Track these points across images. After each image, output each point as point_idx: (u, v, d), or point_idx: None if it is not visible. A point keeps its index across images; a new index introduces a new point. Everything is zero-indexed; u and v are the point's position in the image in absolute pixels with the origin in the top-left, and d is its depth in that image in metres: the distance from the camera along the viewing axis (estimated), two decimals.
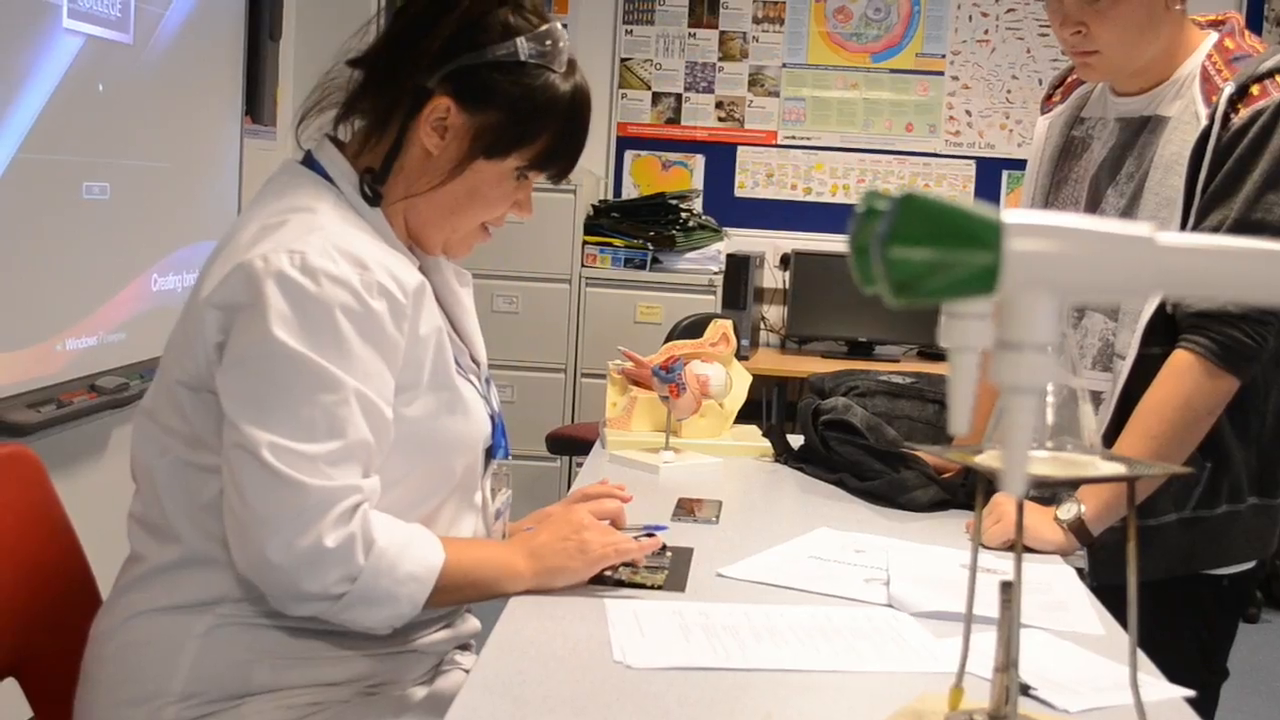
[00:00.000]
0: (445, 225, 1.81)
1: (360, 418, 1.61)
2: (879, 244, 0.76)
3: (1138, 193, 2.24)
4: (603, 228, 5.79)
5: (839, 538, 2.19)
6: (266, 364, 1.57)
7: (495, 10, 1.74)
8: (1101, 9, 2.16)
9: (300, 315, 1.57)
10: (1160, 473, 1.89)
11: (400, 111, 1.75)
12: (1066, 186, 2.42)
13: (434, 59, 1.73)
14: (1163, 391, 2.14)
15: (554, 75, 1.76)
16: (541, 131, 1.76)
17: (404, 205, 1.79)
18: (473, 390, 1.84)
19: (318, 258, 1.59)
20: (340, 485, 1.58)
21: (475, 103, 1.73)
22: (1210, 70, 2.18)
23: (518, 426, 5.62)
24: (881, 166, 6.29)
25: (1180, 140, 2.18)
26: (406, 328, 1.67)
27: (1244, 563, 2.31)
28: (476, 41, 1.73)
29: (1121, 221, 0.78)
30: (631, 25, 6.29)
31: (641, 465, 2.67)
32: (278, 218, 1.66)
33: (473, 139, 1.75)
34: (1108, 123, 2.37)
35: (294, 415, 1.57)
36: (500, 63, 1.73)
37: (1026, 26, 6.21)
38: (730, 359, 2.91)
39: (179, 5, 3.59)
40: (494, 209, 1.82)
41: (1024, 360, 0.77)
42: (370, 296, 1.62)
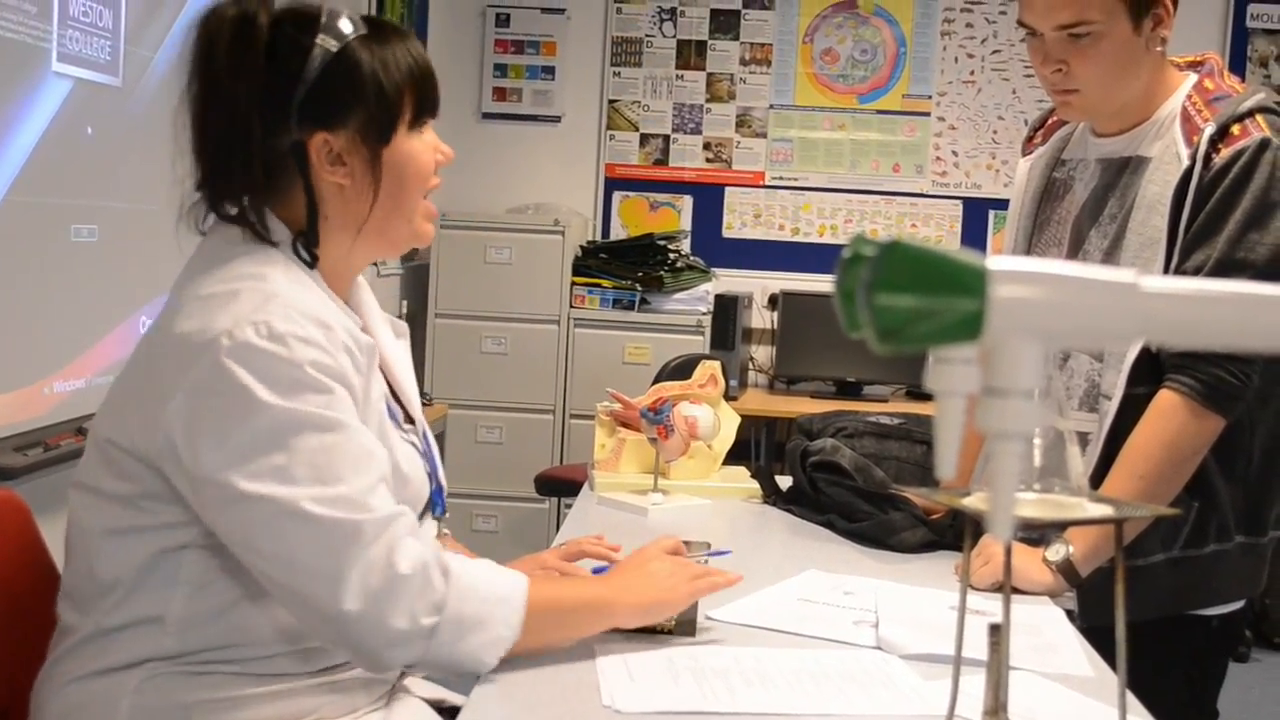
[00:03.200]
0: (398, 219, 1.80)
1: (372, 447, 1.63)
2: (865, 291, 0.76)
3: (1120, 233, 2.25)
4: (591, 269, 5.79)
5: (827, 580, 2.19)
6: (264, 431, 1.56)
7: (279, 38, 1.70)
8: (1082, 48, 2.17)
9: (279, 378, 1.57)
10: (1148, 514, 1.90)
11: (292, 175, 1.72)
12: (1049, 228, 2.43)
13: (278, 117, 1.69)
14: (1149, 432, 2.15)
15: (366, 44, 1.73)
16: (399, 88, 1.75)
17: (360, 240, 1.78)
18: (411, 451, 1.82)
19: (282, 323, 1.59)
20: (387, 513, 1.58)
21: (338, 117, 1.71)
22: (1190, 111, 2.20)
23: (506, 468, 5.64)
24: (869, 207, 6.31)
25: (1162, 180, 2.19)
26: (361, 387, 1.68)
27: (1233, 602, 2.31)
28: (292, 74, 1.69)
29: (1106, 268, 0.78)
30: (619, 67, 6.32)
31: (630, 507, 2.67)
32: (227, 286, 1.65)
33: (364, 143, 1.73)
34: (1089, 164, 2.38)
35: (311, 465, 1.56)
36: (322, 72, 1.70)
37: (1012, 68, 6.24)
38: (718, 400, 2.91)
39: (169, 47, 3.60)
40: (425, 175, 1.81)
41: (1010, 406, 0.77)
42: (337, 352, 1.63)
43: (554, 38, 6.31)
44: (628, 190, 6.35)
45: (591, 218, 6.31)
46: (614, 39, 6.32)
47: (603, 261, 5.80)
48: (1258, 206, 2.11)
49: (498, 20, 6.31)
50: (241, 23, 1.69)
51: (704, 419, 2.79)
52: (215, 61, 1.70)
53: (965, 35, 6.25)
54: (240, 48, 1.69)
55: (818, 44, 6.29)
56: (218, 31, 1.70)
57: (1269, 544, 2.30)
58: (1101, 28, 2.15)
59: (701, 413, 2.79)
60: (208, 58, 1.71)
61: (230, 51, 1.69)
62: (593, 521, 2.62)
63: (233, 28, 1.69)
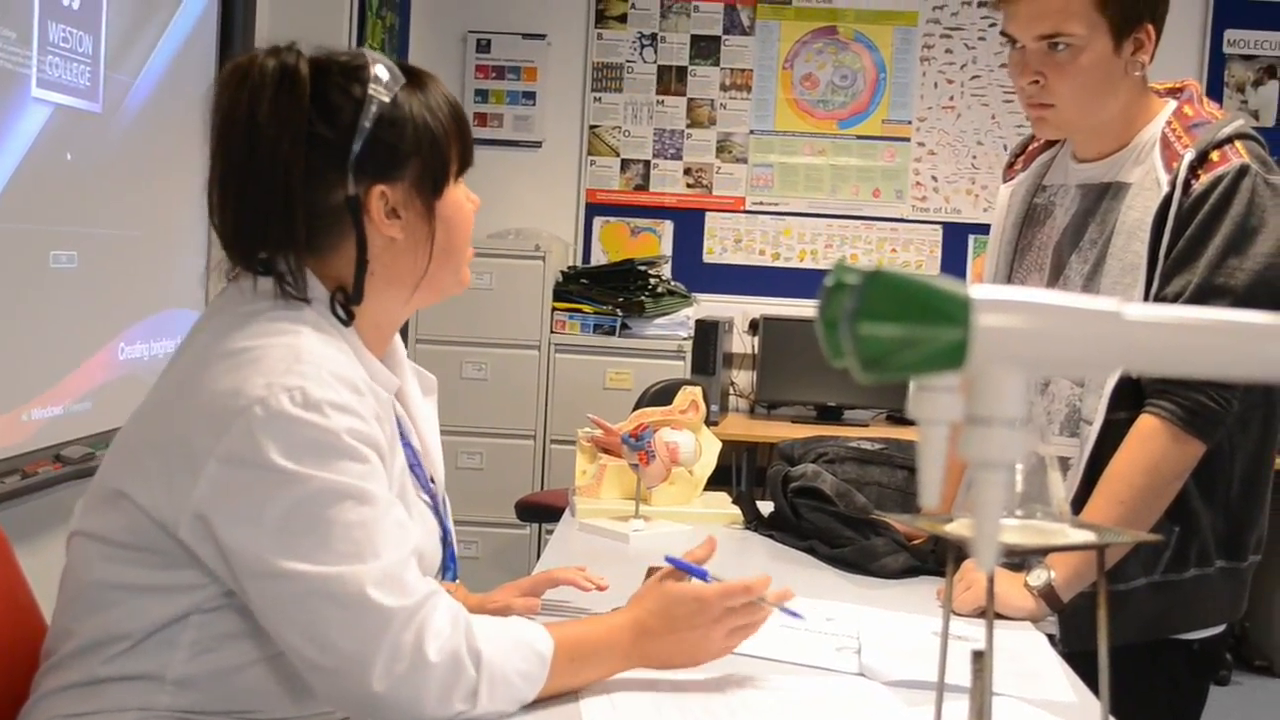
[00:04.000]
0: (447, 271, 1.77)
1: (404, 519, 1.61)
2: (848, 320, 0.76)
3: (1101, 259, 2.26)
4: (571, 294, 5.79)
5: (810, 606, 2.18)
6: (301, 505, 1.52)
7: (326, 90, 1.66)
8: (1060, 62, 2.19)
9: (316, 447, 1.53)
10: (1129, 540, 1.90)
11: (344, 231, 1.67)
12: (1030, 254, 2.44)
13: (333, 171, 1.65)
14: (1130, 457, 2.15)
15: (411, 93, 1.70)
16: (449, 141, 1.73)
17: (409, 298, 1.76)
18: (428, 514, 1.81)
19: (317, 389, 1.55)
20: (421, 595, 1.55)
21: (395, 169, 1.68)
22: (1170, 137, 2.21)
23: (487, 494, 5.63)
24: (849, 232, 6.32)
25: (1142, 206, 2.19)
26: (388, 451, 1.65)
27: (1214, 626, 2.31)
28: (346, 127, 1.65)
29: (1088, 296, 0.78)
30: (600, 93, 6.33)
31: (611, 534, 2.67)
32: (256, 342, 1.60)
33: (420, 195, 1.70)
34: (1069, 189, 2.38)
35: (348, 539, 1.52)
36: (378, 123, 1.66)
37: (991, 93, 6.27)
38: (699, 426, 2.91)
39: (149, 74, 3.59)
40: (468, 224, 1.80)
41: (993, 435, 0.77)
42: (370, 418, 1.60)
43: (535, 63, 6.32)
44: (608, 215, 6.36)
45: (572, 243, 6.31)
46: (595, 64, 6.33)
47: (583, 287, 5.80)
48: (1237, 232, 2.12)
49: (479, 46, 6.32)
50: (283, 74, 1.64)
51: (685, 445, 2.78)
52: (257, 116, 1.63)
53: (944, 61, 6.28)
54: (285, 100, 1.63)
55: (798, 69, 6.31)
56: (260, 84, 1.64)
57: (1249, 568, 2.30)
58: (1082, 42, 2.17)
59: (683, 438, 2.79)
60: (250, 111, 1.63)
61: (274, 104, 1.63)
62: (574, 548, 2.62)
63: (275, 79, 1.64)
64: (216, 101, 1.68)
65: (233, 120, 1.65)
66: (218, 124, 1.67)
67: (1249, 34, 6.19)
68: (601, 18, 6.32)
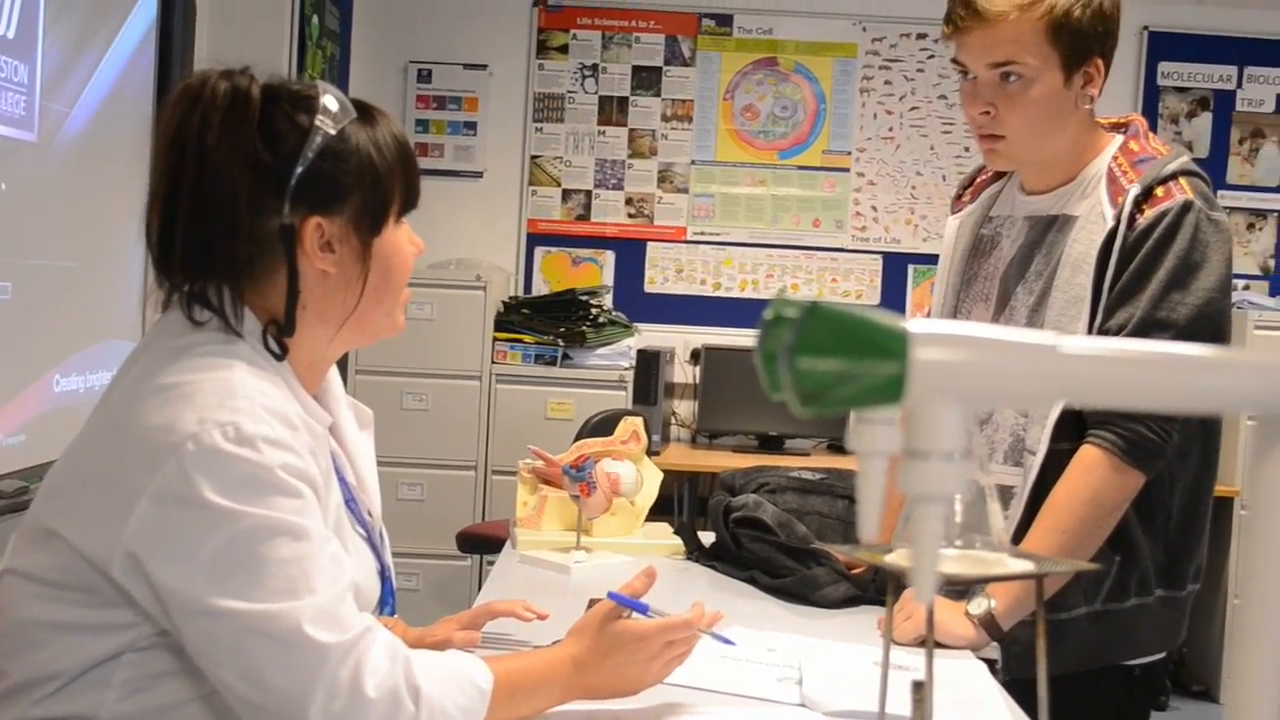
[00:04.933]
0: (379, 313, 1.75)
1: (339, 554, 1.58)
2: (786, 354, 0.76)
3: (1046, 290, 2.27)
4: (513, 324, 5.78)
5: (751, 636, 2.18)
6: (234, 542, 1.49)
7: (275, 116, 1.64)
8: (1012, 93, 2.20)
9: (250, 483, 1.50)
10: (1068, 569, 1.91)
11: (277, 260, 1.65)
12: (976, 283, 2.45)
13: (271, 197, 1.62)
14: (1071, 486, 2.16)
15: (360, 127, 1.69)
16: (392, 178, 1.71)
17: (336, 335, 1.72)
18: (364, 554, 1.78)
19: (250, 424, 1.52)
20: (357, 631, 1.52)
21: (335, 202, 1.66)
22: (1116, 171, 2.23)
23: (427, 525, 5.60)
24: (790, 262, 6.35)
25: (1087, 239, 2.21)
26: (323, 487, 1.62)
27: (1153, 654, 2.33)
28: (289, 155, 1.63)
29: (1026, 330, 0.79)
30: (541, 123, 6.34)
31: (552, 565, 2.66)
32: (188, 376, 1.57)
33: (356, 231, 1.68)
34: (1016, 221, 2.40)
35: (282, 576, 1.50)
36: (321, 154, 1.64)
37: (930, 124, 6.32)
38: (641, 456, 2.90)
39: (85, 104, 3.57)
40: (406, 268, 1.77)
41: (931, 468, 0.77)
42: (304, 452, 1.57)
43: (476, 93, 6.32)
44: (550, 245, 6.36)
45: (513, 273, 6.30)
46: (536, 95, 6.34)
47: (525, 317, 5.79)
48: (1180, 267, 2.15)
49: (419, 76, 6.31)
50: (235, 97, 1.62)
51: (626, 475, 2.78)
52: (206, 137, 1.61)
53: (884, 93, 6.33)
54: (234, 124, 1.61)
55: (739, 100, 6.34)
56: (210, 105, 1.62)
57: (1188, 597, 2.32)
58: (1033, 73, 2.18)
59: (624, 469, 2.79)
60: (200, 131, 1.62)
61: (223, 128, 1.61)
62: (515, 579, 2.61)
63: (226, 101, 1.62)
64: (165, 120, 1.66)
65: (181, 139, 1.63)
66: (165, 142, 1.65)
67: (1183, 67, 6.28)
68: (543, 48, 6.33)
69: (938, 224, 6.31)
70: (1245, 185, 6.32)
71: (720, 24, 6.34)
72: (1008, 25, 2.16)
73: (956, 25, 2.22)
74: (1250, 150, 6.35)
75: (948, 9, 2.24)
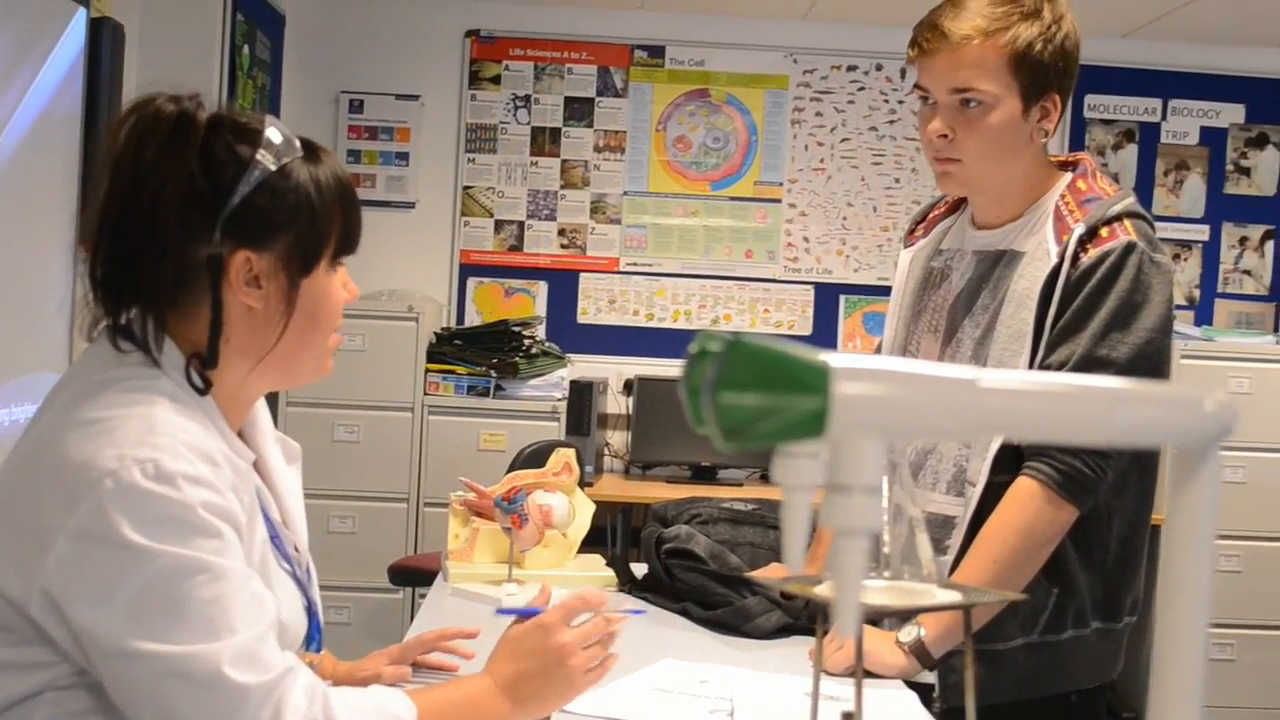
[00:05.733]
0: (304, 356, 1.73)
1: (262, 592, 1.56)
2: (708, 389, 0.76)
3: (991, 325, 2.30)
4: (445, 355, 5.76)
5: (683, 668, 2.18)
6: (152, 582, 1.47)
7: (216, 145, 1.63)
8: (971, 118, 2.23)
9: (169, 522, 1.48)
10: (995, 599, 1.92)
11: (202, 289, 1.63)
12: (925, 316, 2.47)
13: (201, 225, 1.61)
14: (1005, 518, 2.18)
15: (304, 165, 1.67)
16: (332, 220, 1.69)
17: (259, 370, 1.70)
18: (290, 590, 1.75)
19: (170, 461, 1.50)
20: (277, 671, 1.51)
21: (266, 237, 1.64)
22: (1063, 210, 2.26)
23: (359, 557, 5.56)
24: (722, 292, 6.37)
25: (1032, 276, 2.24)
26: (248, 525, 1.61)
27: (1089, 684, 2.35)
28: (225, 185, 1.61)
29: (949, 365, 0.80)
30: (474, 153, 6.33)
31: (484, 598, 2.64)
32: (110, 412, 1.55)
33: (285, 269, 1.66)
34: (965, 254, 2.42)
35: (202, 617, 1.48)
36: (259, 187, 1.62)
37: (861, 155, 6.37)
38: (573, 488, 2.90)
39: (11, 132, 3.53)
40: (335, 313, 1.75)
41: (853, 503, 0.78)
42: (226, 490, 1.55)
43: (408, 124, 6.31)
44: (482, 276, 6.34)
45: (446, 304, 6.28)
46: (468, 125, 6.33)
47: (457, 348, 5.78)
48: (1122, 307, 2.18)
49: (351, 106, 6.29)
50: (179, 120, 1.61)
51: (558, 507, 2.77)
52: (144, 157, 1.60)
53: (815, 124, 6.37)
54: (174, 147, 1.60)
55: (671, 131, 6.37)
56: (152, 127, 1.61)
57: (1125, 629, 2.35)
58: (993, 100, 2.22)
59: (556, 501, 2.78)
60: (137, 153, 1.61)
61: (163, 149, 1.60)
62: (447, 612, 2.59)
63: (170, 125, 1.61)
64: (110, 137, 1.65)
65: (122, 158, 1.62)
66: (109, 160, 1.64)
67: (1109, 99, 6.37)
68: (475, 79, 6.33)
69: (869, 255, 6.36)
70: (1170, 216, 6.40)
71: (652, 55, 6.37)
72: (971, 49, 2.20)
73: (921, 48, 2.26)
74: (1175, 182, 6.45)
75: (913, 33, 2.27)
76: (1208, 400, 0.83)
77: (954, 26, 2.21)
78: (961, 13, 2.22)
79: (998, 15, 2.20)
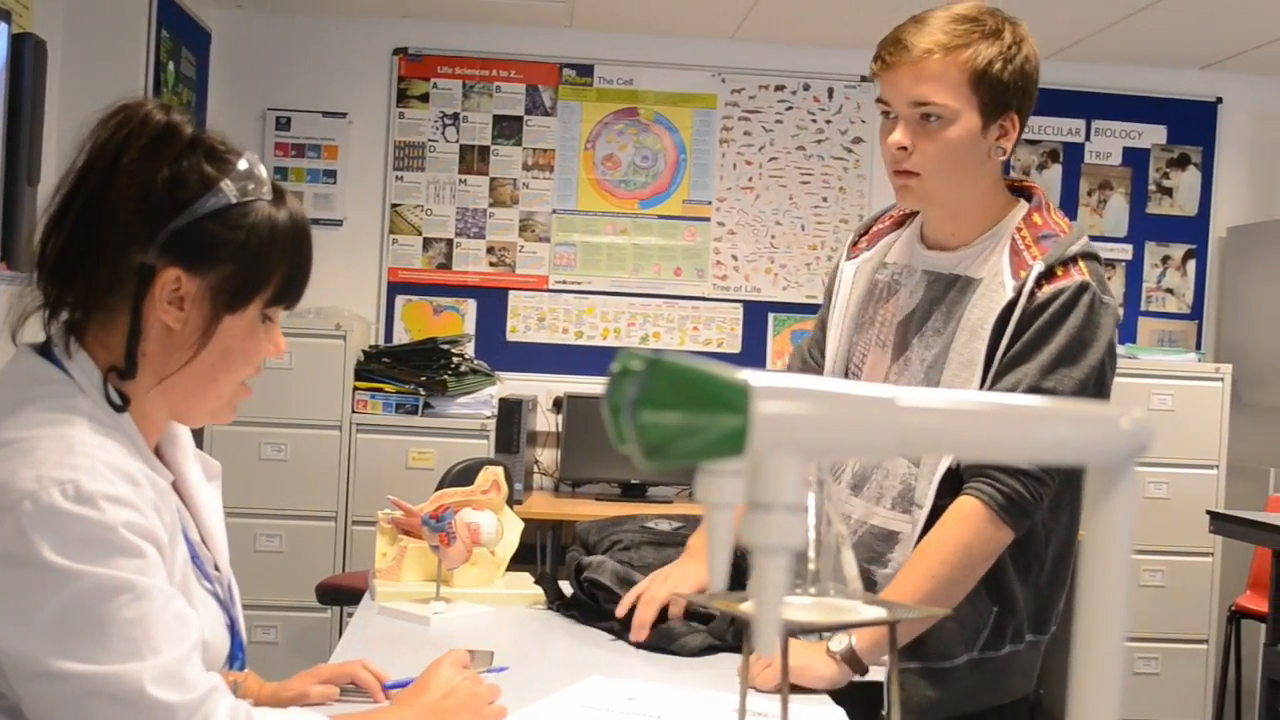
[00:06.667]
0: (208, 394, 1.70)
1: (185, 612, 1.55)
2: (629, 408, 0.77)
3: (944, 351, 2.32)
4: (373, 373, 5.74)
5: (612, 686, 2.18)
6: (74, 603, 1.46)
7: (187, 161, 1.63)
8: (930, 131, 2.26)
9: (90, 542, 1.47)
10: (921, 616, 1.94)
11: (126, 296, 1.62)
12: (872, 329, 2.48)
13: (144, 232, 1.60)
14: (945, 534, 2.21)
15: (266, 206, 1.66)
16: (275, 267, 1.68)
17: (158, 391, 1.67)
18: (212, 609, 1.74)
19: (91, 482, 1.49)
20: (202, 691, 1.50)
21: (203, 263, 1.62)
22: (1020, 244, 2.30)
23: (287, 577, 5.52)
24: (651, 310, 6.39)
25: (985, 307, 2.27)
26: (169, 544, 1.59)
27: (1018, 696, 2.38)
28: (181, 201, 1.61)
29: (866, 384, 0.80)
30: (402, 171, 6.31)
31: (411, 617, 2.63)
32: (27, 432, 1.53)
33: (212, 300, 1.64)
34: (914, 272, 2.44)
35: (125, 637, 1.47)
36: (213, 213, 1.62)
37: (789, 174, 6.41)
38: (501, 506, 2.89)
39: None
40: (251, 361, 1.72)
41: (773, 520, 0.78)
42: (148, 510, 1.54)
43: (335, 141, 6.29)
44: (411, 294, 6.32)
45: (374, 322, 6.26)
46: (396, 143, 6.31)
47: (386, 366, 5.75)
48: (1071, 343, 2.22)
49: (278, 123, 6.26)
50: (163, 131, 1.61)
51: (486, 525, 2.77)
52: (122, 159, 1.60)
53: (743, 143, 6.40)
54: (151, 154, 1.60)
55: (599, 150, 6.38)
56: (139, 130, 1.61)
57: (1048, 640, 2.39)
58: (952, 115, 2.25)
59: (484, 519, 2.78)
60: (118, 152, 1.60)
61: (141, 155, 1.60)
62: (374, 632, 2.58)
63: (154, 132, 1.61)
64: (93, 132, 1.64)
65: (102, 151, 1.62)
66: (85, 153, 1.63)
67: (1034, 120, 6.36)
68: (403, 97, 6.32)
69: (797, 273, 6.40)
70: (1094, 235, 6.37)
71: (581, 74, 6.38)
72: (932, 63, 2.24)
73: (884, 62, 2.29)
74: (1099, 201, 6.53)
75: (877, 48, 2.30)
76: (1123, 418, 0.84)
77: (916, 40, 2.25)
78: (923, 28, 2.26)
79: (959, 32, 2.25)
